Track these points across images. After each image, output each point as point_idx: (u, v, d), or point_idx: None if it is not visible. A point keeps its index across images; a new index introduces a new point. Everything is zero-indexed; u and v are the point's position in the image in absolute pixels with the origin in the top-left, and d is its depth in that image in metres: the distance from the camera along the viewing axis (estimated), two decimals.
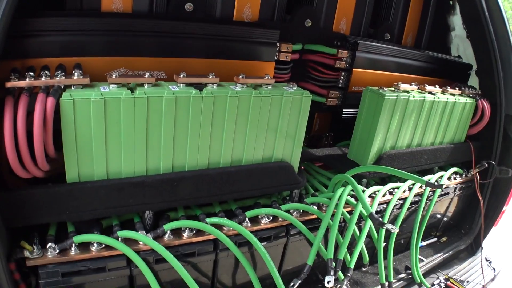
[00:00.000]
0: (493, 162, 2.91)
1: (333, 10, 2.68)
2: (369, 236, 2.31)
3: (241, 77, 1.79)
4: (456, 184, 2.91)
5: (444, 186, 2.71)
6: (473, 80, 3.16)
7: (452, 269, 2.96)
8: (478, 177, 2.96)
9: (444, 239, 3.16)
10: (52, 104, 1.40)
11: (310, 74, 2.67)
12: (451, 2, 3.22)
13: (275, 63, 2.26)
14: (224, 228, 1.85)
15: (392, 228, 1.89)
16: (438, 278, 2.79)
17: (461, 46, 3.22)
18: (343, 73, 2.63)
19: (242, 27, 2.10)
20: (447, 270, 2.91)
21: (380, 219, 2.12)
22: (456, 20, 3.17)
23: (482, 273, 2.93)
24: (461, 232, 3.27)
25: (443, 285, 2.74)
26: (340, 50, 2.52)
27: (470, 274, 2.94)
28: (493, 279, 2.98)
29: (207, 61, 2.01)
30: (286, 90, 1.89)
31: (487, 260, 3.12)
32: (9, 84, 1.41)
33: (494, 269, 3.03)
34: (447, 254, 2.97)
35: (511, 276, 4.11)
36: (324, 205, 2.20)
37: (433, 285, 2.70)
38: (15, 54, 1.58)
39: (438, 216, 3.07)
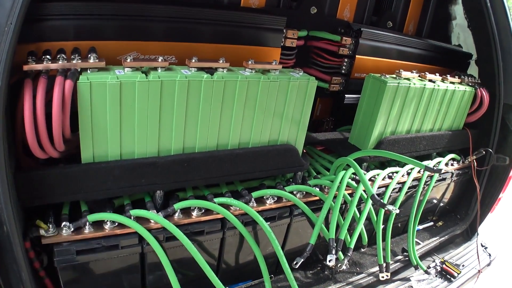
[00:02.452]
0: (490, 150, 2.97)
1: None
2: (367, 218, 2.38)
3: (250, 62, 1.84)
4: (453, 170, 2.99)
5: (442, 171, 2.78)
6: (473, 69, 3.21)
7: (448, 253, 3.03)
8: (475, 164, 3.03)
9: (440, 223, 3.24)
10: (70, 87, 1.44)
11: (314, 60, 2.73)
12: None
13: (281, 49, 2.31)
14: (231, 207, 1.92)
15: (393, 209, 1.97)
16: (434, 261, 2.87)
17: (461, 35, 3.27)
18: (346, 60, 2.69)
19: (251, 13, 2.14)
20: (443, 254, 2.99)
21: (381, 200, 2.19)
22: (458, 9, 3.21)
23: (478, 258, 2.99)
24: (457, 217, 3.34)
25: (439, 268, 2.81)
26: (344, 37, 2.57)
27: (466, 258, 3.00)
28: (488, 265, 3.03)
29: (216, 46, 2.06)
30: (292, 76, 1.94)
31: (482, 246, 3.18)
32: (26, 67, 1.45)
33: (489, 255, 3.09)
34: (443, 238, 3.05)
35: (507, 262, 4.20)
36: (326, 187, 2.27)
37: (429, 267, 2.77)
38: (31, 37, 1.61)
39: (435, 201, 3.15)
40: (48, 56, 1.50)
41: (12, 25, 1.31)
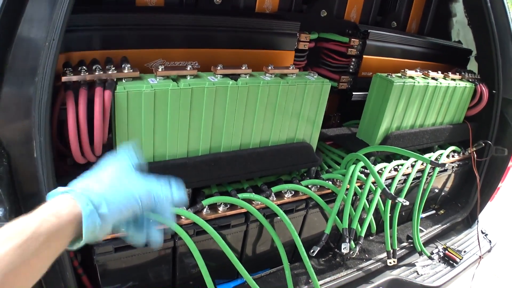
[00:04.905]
0: (489, 142, 3.11)
1: (345, 0, 2.85)
2: (375, 208, 2.51)
3: (270, 67, 1.97)
4: (454, 162, 3.14)
5: (446, 166, 2.92)
6: (472, 65, 3.34)
7: (449, 239, 3.17)
8: (475, 155, 3.17)
9: (442, 211, 3.38)
10: (109, 97, 1.56)
11: (323, 60, 2.86)
12: None
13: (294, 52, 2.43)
14: (253, 202, 2.06)
15: (404, 201, 2.13)
16: (437, 247, 3.02)
17: (461, 31, 3.39)
18: (353, 60, 2.82)
19: (268, 20, 2.26)
20: (445, 241, 3.12)
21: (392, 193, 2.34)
22: (458, 7, 3.33)
23: (479, 244, 3.12)
24: (458, 206, 3.47)
25: (441, 253, 2.96)
26: (352, 39, 2.70)
27: (467, 245, 3.13)
28: (489, 251, 3.16)
29: (235, 51, 2.18)
30: (308, 79, 2.07)
31: (483, 233, 3.30)
32: (64, 79, 1.55)
33: (490, 241, 3.22)
34: (445, 225, 3.19)
35: (507, 248, 4.37)
36: (338, 180, 2.42)
37: (432, 253, 2.91)
38: (62, 48, 1.65)
39: (437, 190, 3.30)
40: (84, 67, 1.60)
41: (55, 42, 1.35)
